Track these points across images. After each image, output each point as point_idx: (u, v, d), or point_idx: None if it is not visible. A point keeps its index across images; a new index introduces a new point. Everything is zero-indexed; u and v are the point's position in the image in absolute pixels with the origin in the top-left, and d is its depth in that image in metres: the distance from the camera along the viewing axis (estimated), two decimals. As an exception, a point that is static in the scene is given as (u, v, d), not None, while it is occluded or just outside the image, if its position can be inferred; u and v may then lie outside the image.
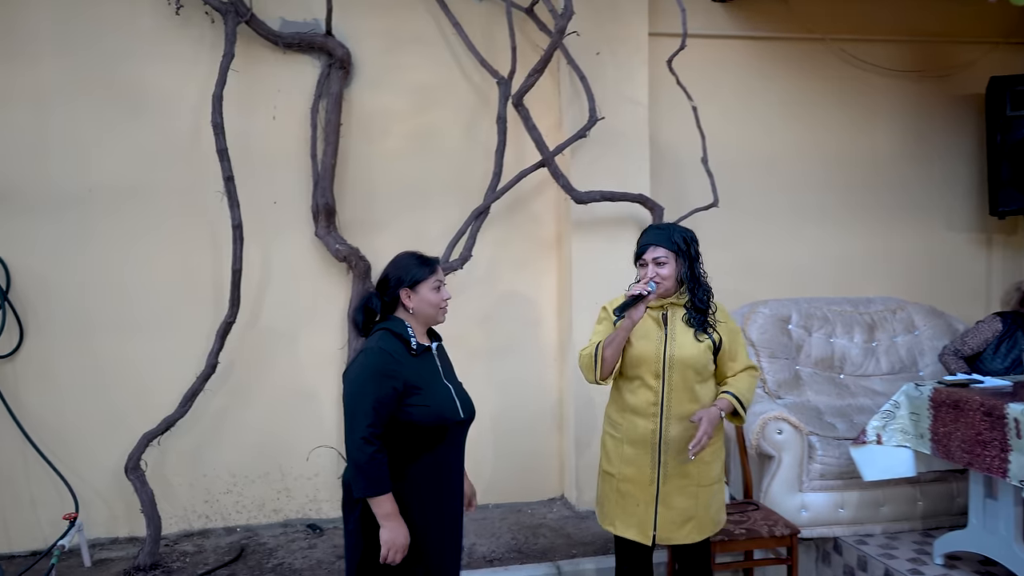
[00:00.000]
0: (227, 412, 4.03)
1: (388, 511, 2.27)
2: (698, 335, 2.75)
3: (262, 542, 3.94)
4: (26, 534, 3.85)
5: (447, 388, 2.44)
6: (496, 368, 4.33)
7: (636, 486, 2.78)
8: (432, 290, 2.43)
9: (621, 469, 2.79)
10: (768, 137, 4.58)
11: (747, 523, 3.35)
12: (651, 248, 2.73)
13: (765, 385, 4.14)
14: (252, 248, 3.94)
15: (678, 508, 2.77)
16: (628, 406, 2.79)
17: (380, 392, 2.26)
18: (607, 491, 2.86)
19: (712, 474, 2.83)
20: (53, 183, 3.82)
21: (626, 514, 2.80)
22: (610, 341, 2.69)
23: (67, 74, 3.82)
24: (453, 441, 2.44)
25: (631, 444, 2.77)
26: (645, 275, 2.72)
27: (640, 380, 2.75)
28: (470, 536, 3.93)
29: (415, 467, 2.35)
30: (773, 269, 4.59)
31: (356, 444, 2.25)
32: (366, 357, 2.33)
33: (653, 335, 2.74)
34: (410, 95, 4.16)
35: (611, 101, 4.09)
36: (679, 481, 2.76)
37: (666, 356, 2.72)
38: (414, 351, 2.37)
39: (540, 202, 4.34)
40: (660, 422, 2.73)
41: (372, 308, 2.43)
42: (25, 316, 3.82)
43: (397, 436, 2.32)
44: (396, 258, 2.50)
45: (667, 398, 2.73)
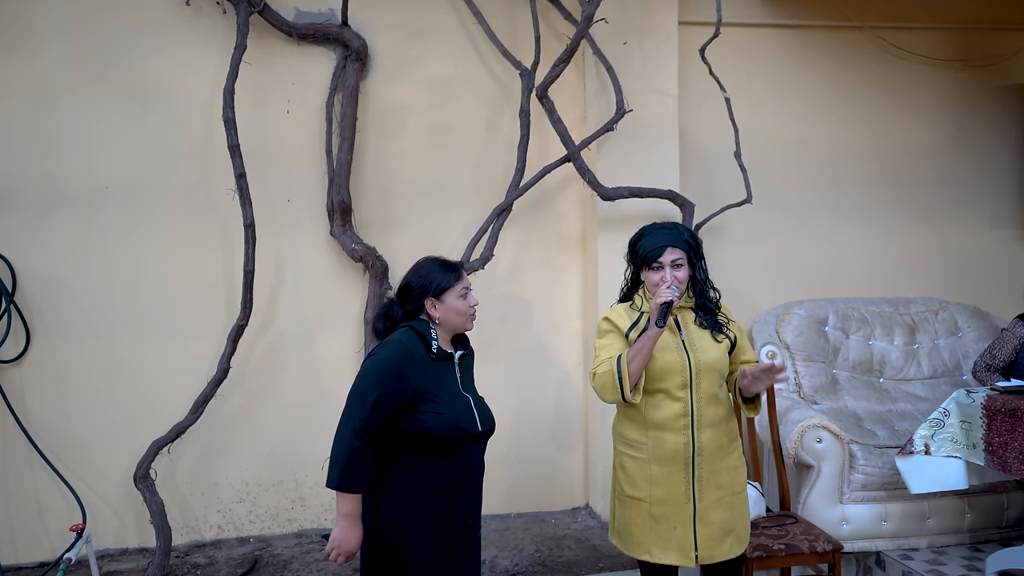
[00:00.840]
0: (240, 418, 3.89)
1: (349, 510, 2.13)
2: (716, 336, 2.59)
3: (276, 553, 3.79)
4: (33, 545, 3.72)
5: (464, 398, 2.30)
6: (518, 372, 4.16)
7: (671, 507, 2.56)
8: (459, 298, 2.30)
9: (652, 492, 2.57)
10: (802, 130, 4.38)
11: (786, 538, 3.15)
12: (668, 250, 2.52)
13: (800, 390, 3.96)
14: (265, 248, 3.80)
15: (717, 523, 2.58)
16: (653, 423, 2.57)
17: (390, 388, 2.14)
18: (635, 518, 2.62)
19: (742, 480, 2.67)
20: (59, 181, 3.69)
21: (663, 539, 2.58)
22: (635, 354, 2.46)
23: (71, 68, 3.68)
24: (469, 454, 2.29)
25: (660, 463, 2.56)
26: (661, 280, 2.51)
27: (664, 393, 2.55)
28: (491, 549, 3.77)
29: (424, 481, 2.20)
30: (808, 268, 4.39)
31: (344, 433, 2.12)
32: (384, 348, 2.22)
33: (671, 344, 2.55)
34: (429, 88, 3.99)
35: (639, 93, 3.91)
36: (714, 493, 2.58)
37: (692, 364, 2.53)
38: (434, 355, 2.24)
39: (564, 199, 4.16)
40: (692, 434, 2.54)
41: (393, 317, 2.30)
42: (32, 319, 3.69)
43: (403, 448, 2.18)
44: (418, 265, 2.35)
45: (697, 408, 2.54)
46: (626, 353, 2.48)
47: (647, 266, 2.54)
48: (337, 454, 2.11)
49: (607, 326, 2.62)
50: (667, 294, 2.42)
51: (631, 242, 2.63)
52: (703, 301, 2.61)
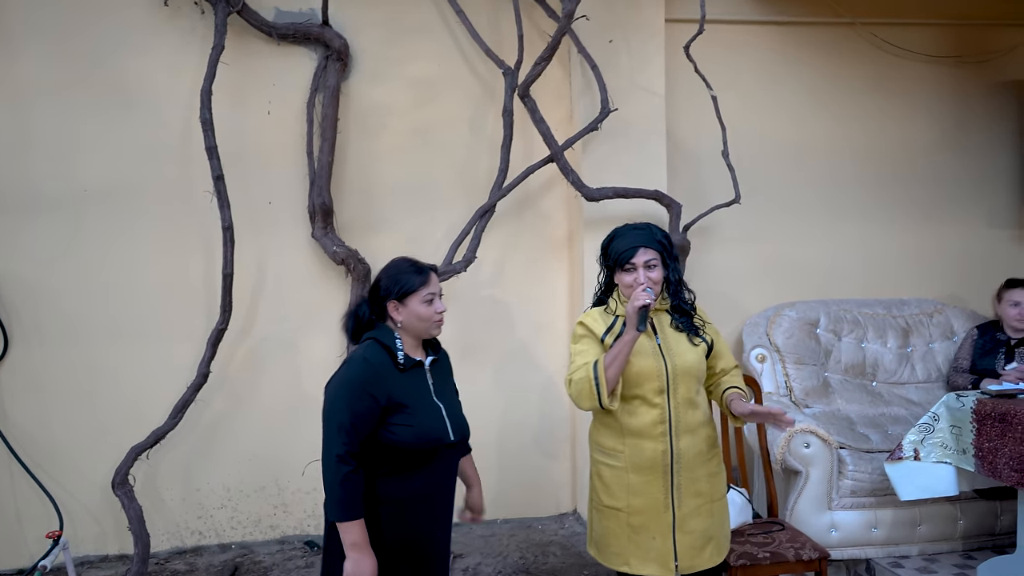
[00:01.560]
0: (221, 423, 3.84)
1: (356, 539, 2.08)
2: (692, 339, 2.52)
3: (257, 560, 3.74)
4: (11, 551, 3.68)
5: (436, 407, 2.23)
6: (504, 375, 4.10)
7: (649, 517, 2.49)
8: (423, 303, 2.22)
9: (630, 501, 2.50)
10: (794, 128, 4.30)
11: (772, 545, 3.08)
12: (641, 250, 2.44)
13: (792, 393, 3.88)
14: (246, 251, 3.75)
15: (697, 531, 2.52)
16: (629, 430, 2.49)
17: (359, 407, 2.08)
18: (614, 528, 2.55)
19: (722, 486, 2.61)
20: (37, 183, 3.65)
21: (642, 549, 2.51)
22: (612, 359, 2.39)
23: (50, 69, 3.64)
24: (442, 464, 2.23)
25: (637, 471, 2.49)
26: (635, 281, 2.43)
27: (641, 399, 2.47)
28: (475, 555, 3.71)
29: (395, 492, 2.15)
30: (799, 269, 4.30)
31: (329, 462, 2.07)
32: (348, 368, 2.16)
33: (647, 348, 2.47)
34: (412, 88, 3.93)
35: (625, 91, 3.84)
36: (694, 501, 2.51)
37: (668, 369, 2.46)
38: (401, 365, 2.17)
39: (550, 200, 4.10)
40: (670, 441, 2.47)
41: (361, 317, 2.24)
42: (10, 323, 3.65)
43: (377, 457, 2.13)
44: (390, 263, 2.30)
45: (675, 413, 2.47)
46: (602, 359, 2.41)
47: (620, 268, 2.47)
48: (330, 485, 2.08)
49: (582, 331, 2.55)
50: (644, 296, 2.35)
51: (603, 244, 2.57)
52: (678, 303, 2.54)
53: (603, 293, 2.63)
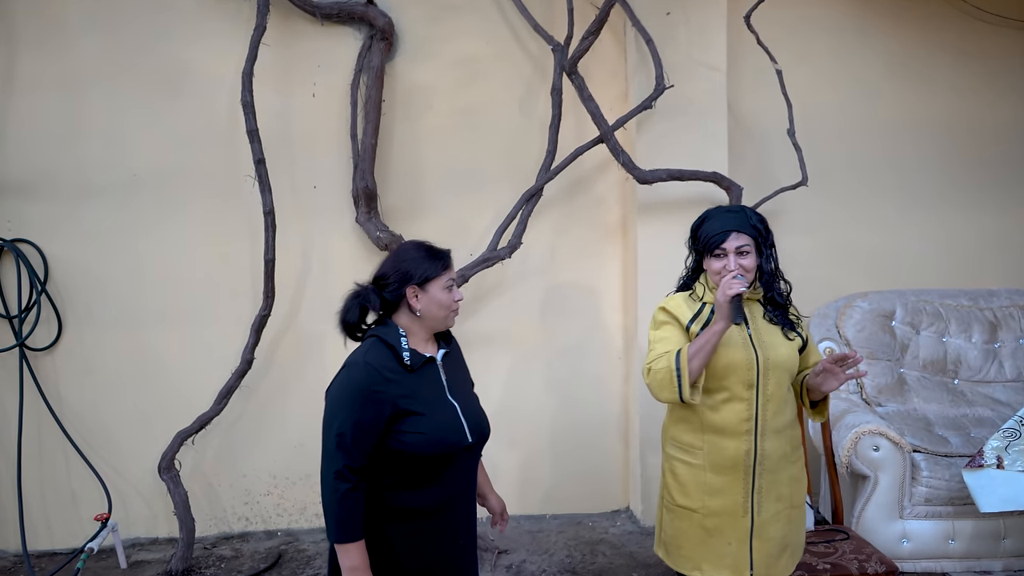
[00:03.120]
0: (267, 410, 3.82)
1: (356, 563, 1.89)
2: (787, 333, 2.32)
3: (302, 548, 3.71)
4: (67, 531, 3.75)
5: (451, 407, 2.02)
6: (555, 367, 3.95)
7: (726, 520, 2.32)
8: (444, 289, 2.02)
9: (705, 502, 2.32)
10: (868, 104, 3.98)
11: (834, 556, 2.85)
12: (733, 235, 2.24)
13: (863, 391, 3.61)
14: (291, 236, 3.71)
15: (774, 538, 2.33)
16: (711, 426, 2.31)
17: (361, 417, 1.88)
18: (686, 529, 2.38)
19: (802, 492, 2.42)
20: (88, 170, 3.67)
21: (716, 555, 2.34)
22: (697, 350, 2.19)
23: (101, 58, 3.65)
24: (460, 468, 2.03)
25: (716, 471, 2.31)
26: (724, 268, 2.24)
27: (728, 393, 2.28)
28: (521, 552, 3.59)
29: (408, 504, 1.96)
30: (873, 257, 4.00)
31: (327, 479, 1.89)
32: (348, 373, 1.95)
33: (737, 339, 2.28)
34: (458, 67, 3.79)
35: (683, 67, 3.61)
36: (774, 506, 2.32)
37: (759, 362, 2.26)
38: (408, 365, 1.97)
39: (603, 183, 3.91)
40: (755, 440, 2.28)
41: (368, 307, 2.03)
42: (63, 307, 3.70)
43: (386, 468, 1.94)
44: (400, 249, 2.10)
45: (762, 411, 2.27)
46: (686, 348, 2.22)
47: (709, 253, 2.28)
48: (328, 504, 1.89)
49: (664, 317, 2.36)
50: (736, 285, 2.14)
51: (693, 226, 2.38)
52: (772, 294, 2.34)
53: (689, 278, 2.45)
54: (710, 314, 2.32)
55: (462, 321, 3.83)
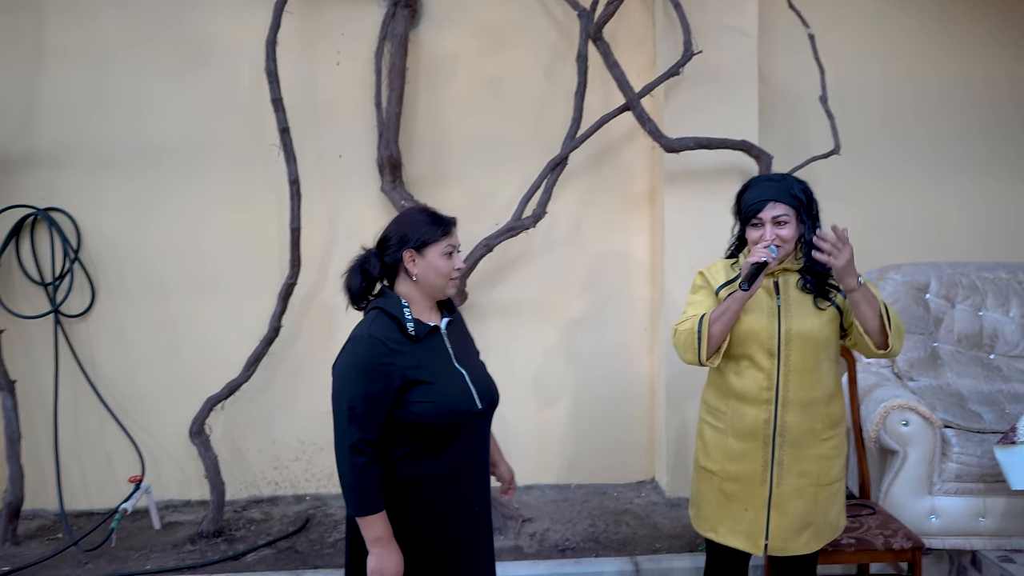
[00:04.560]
0: (295, 377, 3.86)
1: (379, 534, 1.90)
2: (818, 302, 2.28)
3: (329, 512, 3.78)
4: (103, 492, 3.84)
5: (459, 375, 2.02)
6: (580, 337, 3.93)
7: (744, 487, 2.34)
8: (442, 256, 2.00)
9: (725, 466, 2.36)
10: (905, 70, 3.86)
11: (859, 530, 2.81)
12: (770, 204, 2.22)
13: (894, 364, 3.53)
14: (317, 205, 3.73)
15: (795, 513, 2.33)
16: (733, 391, 2.33)
17: (370, 390, 1.88)
18: (706, 491, 2.43)
19: (833, 471, 2.37)
20: (116, 140, 3.71)
21: (732, 519, 2.37)
22: (719, 315, 2.24)
23: (126, 27, 3.67)
24: (471, 436, 2.03)
25: (737, 437, 2.33)
26: (761, 237, 2.23)
27: (749, 360, 2.30)
28: (544, 520, 3.61)
29: (421, 473, 1.97)
30: (908, 228, 3.90)
31: (343, 454, 1.89)
32: (353, 347, 1.95)
33: (764, 307, 2.28)
34: (482, 34, 3.75)
35: (712, 33, 3.53)
36: (796, 481, 2.31)
37: (781, 331, 2.25)
38: (413, 335, 1.96)
39: (630, 152, 3.85)
40: (775, 410, 2.28)
41: (369, 271, 2.02)
42: (96, 275, 3.77)
43: (397, 439, 1.95)
44: (403, 212, 2.10)
45: (783, 381, 2.26)
46: (710, 313, 2.26)
47: (749, 223, 2.27)
48: (345, 478, 1.90)
49: (700, 281, 2.41)
50: (762, 253, 2.16)
51: (737, 195, 2.37)
52: (812, 264, 2.28)
53: (736, 248, 2.44)
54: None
55: (488, 290, 3.84)
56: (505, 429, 3.60)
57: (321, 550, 3.40)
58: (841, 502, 2.45)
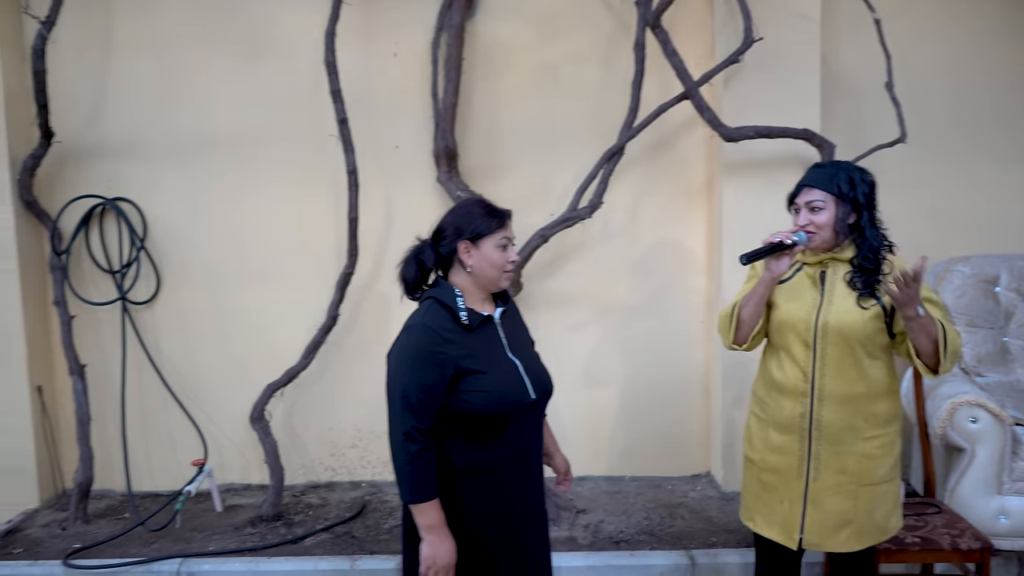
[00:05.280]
0: (352, 365, 3.92)
1: (432, 521, 1.93)
2: (863, 300, 2.21)
3: (385, 499, 3.83)
4: (168, 474, 3.95)
5: (512, 365, 2.02)
6: (636, 328, 3.90)
7: (780, 478, 2.34)
8: (497, 248, 2.01)
9: (764, 456, 2.37)
10: (978, 54, 3.72)
11: (923, 529, 2.74)
12: (805, 190, 2.25)
13: (961, 359, 3.43)
14: (374, 195, 3.76)
15: (832, 510, 2.29)
16: (774, 382, 2.33)
17: (424, 379, 1.90)
18: (747, 480, 2.47)
19: (879, 472, 2.29)
20: (179, 131, 3.80)
21: (768, 510, 2.38)
22: (747, 299, 2.29)
23: (188, 20, 3.75)
24: (524, 426, 2.04)
25: (777, 428, 2.33)
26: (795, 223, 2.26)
27: (786, 351, 2.28)
28: (598, 512, 3.60)
29: (474, 463, 1.98)
30: (977, 219, 3.77)
31: (397, 441, 1.92)
32: (407, 336, 1.97)
33: (806, 296, 2.25)
34: (539, 23, 3.73)
35: (773, 18, 3.45)
36: (835, 478, 2.27)
37: (818, 322, 2.21)
38: (466, 325, 1.97)
39: (689, 142, 3.80)
40: (811, 404, 2.25)
41: (424, 262, 2.04)
42: (160, 263, 3.87)
43: (450, 428, 1.96)
44: (459, 204, 2.12)
45: (819, 374, 2.23)
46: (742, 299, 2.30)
47: (790, 205, 2.33)
48: (399, 465, 1.93)
49: (752, 272, 2.43)
50: (783, 235, 2.20)
51: None
52: (862, 257, 2.23)
53: None
54: (794, 272, 2.31)
55: (543, 281, 3.83)
56: (558, 420, 3.60)
57: (377, 536, 3.45)
58: (892, 504, 2.36)
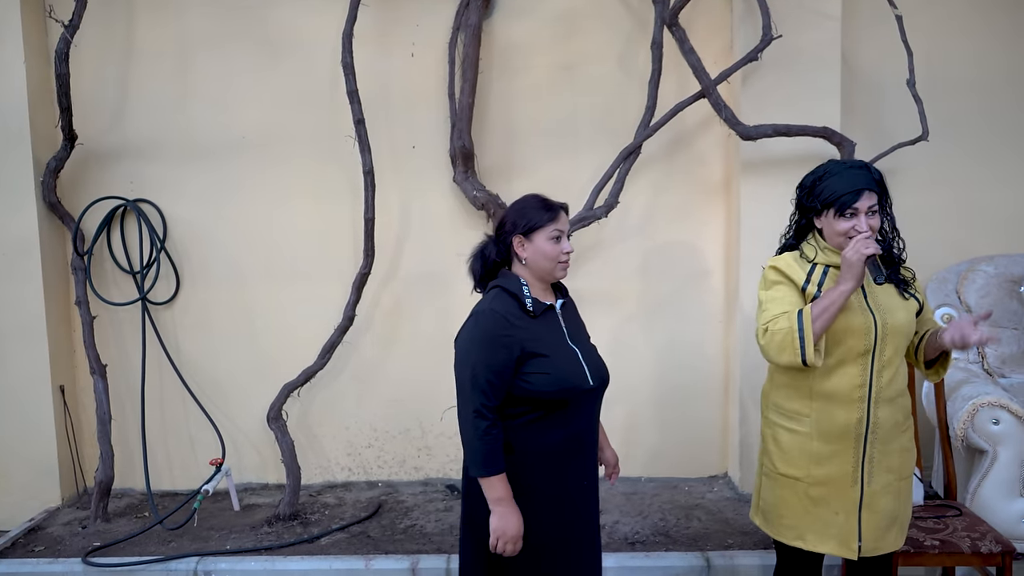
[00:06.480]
0: (368, 365, 3.93)
1: (500, 494, 2.04)
2: (902, 294, 2.23)
3: (400, 499, 3.83)
4: (187, 473, 3.99)
5: (573, 352, 2.14)
6: (654, 329, 3.88)
7: (833, 490, 2.25)
8: (550, 240, 2.11)
9: (811, 471, 2.26)
10: (1002, 52, 3.68)
11: (943, 532, 2.70)
12: (866, 194, 2.14)
13: (984, 360, 3.40)
14: (391, 195, 3.78)
15: (884, 510, 2.26)
16: (821, 392, 2.23)
17: (492, 360, 2.03)
18: (788, 499, 2.31)
19: (911, 463, 2.33)
20: (199, 133, 3.83)
21: (821, 524, 2.28)
22: (821, 311, 2.11)
23: (209, 22, 3.79)
24: (582, 411, 2.15)
25: (825, 439, 2.24)
26: (853, 228, 2.15)
27: (840, 359, 2.20)
28: (614, 512, 3.58)
29: (535, 444, 2.10)
30: (1000, 217, 3.72)
31: (467, 419, 2.05)
32: (476, 321, 2.09)
33: (854, 303, 2.19)
34: (556, 23, 3.72)
35: (793, 15, 3.42)
36: (885, 477, 2.25)
37: (878, 327, 2.17)
38: (531, 312, 2.10)
39: (706, 140, 3.77)
40: (868, 409, 2.20)
41: (488, 256, 2.18)
42: (180, 264, 3.91)
43: (514, 409, 2.08)
44: (518, 200, 2.21)
45: (877, 378, 2.19)
46: (808, 308, 2.14)
47: (837, 212, 2.17)
48: (469, 441, 2.06)
49: (776, 276, 2.28)
50: (873, 246, 2.09)
51: (807, 183, 2.27)
52: (888, 253, 2.25)
53: (794, 237, 2.35)
54: (822, 276, 2.23)
55: (558, 281, 3.82)
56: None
57: (392, 536, 3.45)
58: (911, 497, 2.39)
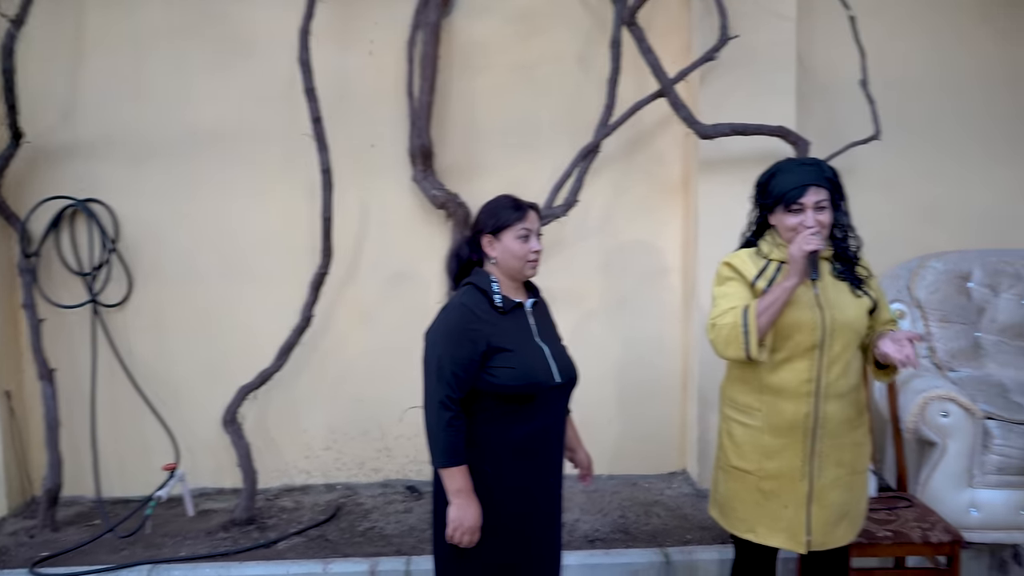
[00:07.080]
0: (327, 366, 3.88)
1: (460, 486, 2.08)
2: (854, 291, 2.25)
3: (360, 502, 3.79)
4: (138, 480, 3.86)
5: (539, 349, 2.18)
6: (612, 326, 3.90)
7: (783, 483, 2.29)
8: (518, 239, 2.17)
9: (762, 464, 2.30)
10: (955, 52, 3.78)
11: (895, 523, 2.77)
12: (812, 189, 2.18)
13: (934, 355, 3.47)
14: (349, 195, 3.74)
15: (833, 504, 2.30)
16: (770, 387, 2.27)
17: (458, 353, 2.08)
18: (739, 491, 2.36)
19: (865, 458, 2.37)
20: (153, 130, 3.73)
21: (771, 518, 2.31)
22: (766, 307, 2.15)
23: (163, 17, 3.70)
24: (548, 407, 2.19)
25: (774, 433, 2.28)
26: (801, 224, 2.18)
27: (789, 353, 2.23)
28: (574, 511, 3.59)
29: (499, 439, 2.13)
30: (950, 215, 3.81)
31: (432, 409, 2.10)
32: (446, 314, 2.16)
33: (803, 298, 2.21)
34: (515, 22, 3.72)
35: (749, 16, 3.47)
36: (834, 472, 2.28)
37: (825, 322, 2.20)
38: (500, 308, 2.14)
39: (664, 140, 3.81)
40: (815, 402, 2.23)
41: (462, 257, 2.25)
42: (132, 265, 3.81)
43: (478, 403, 2.12)
44: (491, 200, 2.25)
45: (826, 373, 2.22)
46: (754, 304, 2.18)
47: (785, 208, 2.21)
48: (432, 432, 2.11)
49: (729, 272, 2.32)
50: (814, 241, 2.11)
51: (761, 180, 2.32)
52: (843, 250, 2.29)
53: (754, 235, 2.39)
54: (775, 272, 2.27)
55: (518, 280, 3.82)
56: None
57: (351, 539, 3.41)
58: (867, 490, 2.44)
